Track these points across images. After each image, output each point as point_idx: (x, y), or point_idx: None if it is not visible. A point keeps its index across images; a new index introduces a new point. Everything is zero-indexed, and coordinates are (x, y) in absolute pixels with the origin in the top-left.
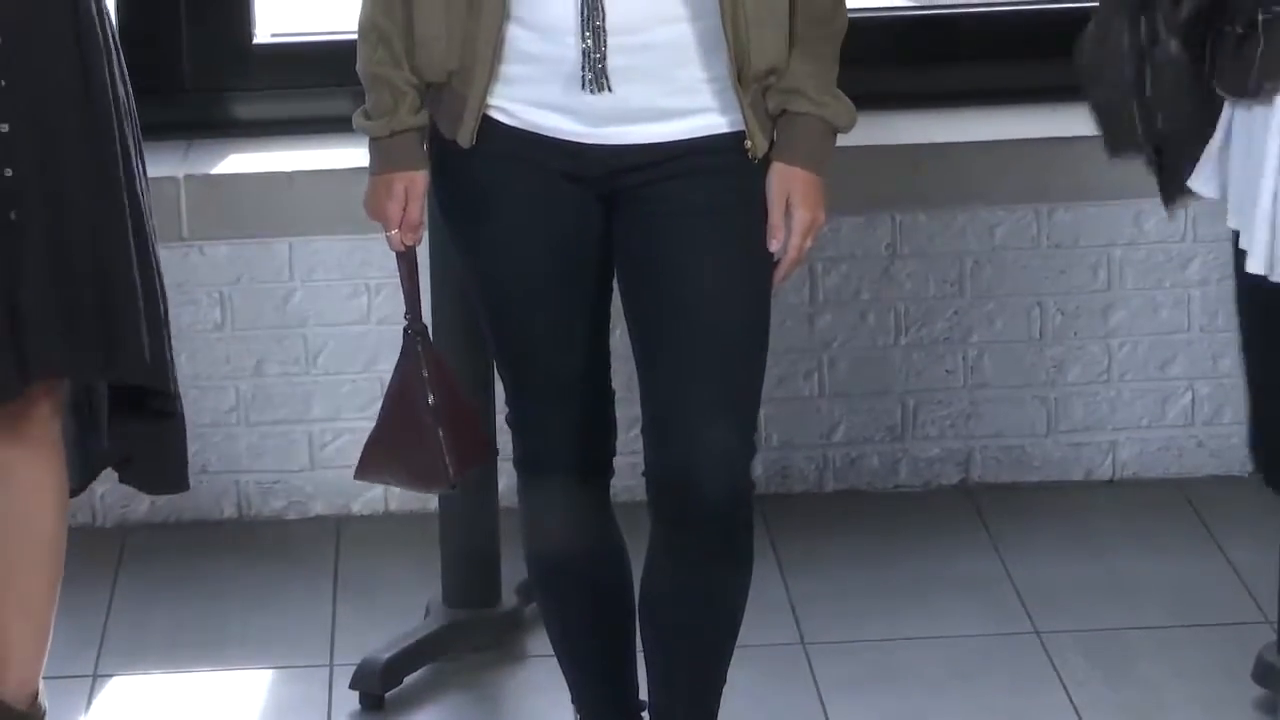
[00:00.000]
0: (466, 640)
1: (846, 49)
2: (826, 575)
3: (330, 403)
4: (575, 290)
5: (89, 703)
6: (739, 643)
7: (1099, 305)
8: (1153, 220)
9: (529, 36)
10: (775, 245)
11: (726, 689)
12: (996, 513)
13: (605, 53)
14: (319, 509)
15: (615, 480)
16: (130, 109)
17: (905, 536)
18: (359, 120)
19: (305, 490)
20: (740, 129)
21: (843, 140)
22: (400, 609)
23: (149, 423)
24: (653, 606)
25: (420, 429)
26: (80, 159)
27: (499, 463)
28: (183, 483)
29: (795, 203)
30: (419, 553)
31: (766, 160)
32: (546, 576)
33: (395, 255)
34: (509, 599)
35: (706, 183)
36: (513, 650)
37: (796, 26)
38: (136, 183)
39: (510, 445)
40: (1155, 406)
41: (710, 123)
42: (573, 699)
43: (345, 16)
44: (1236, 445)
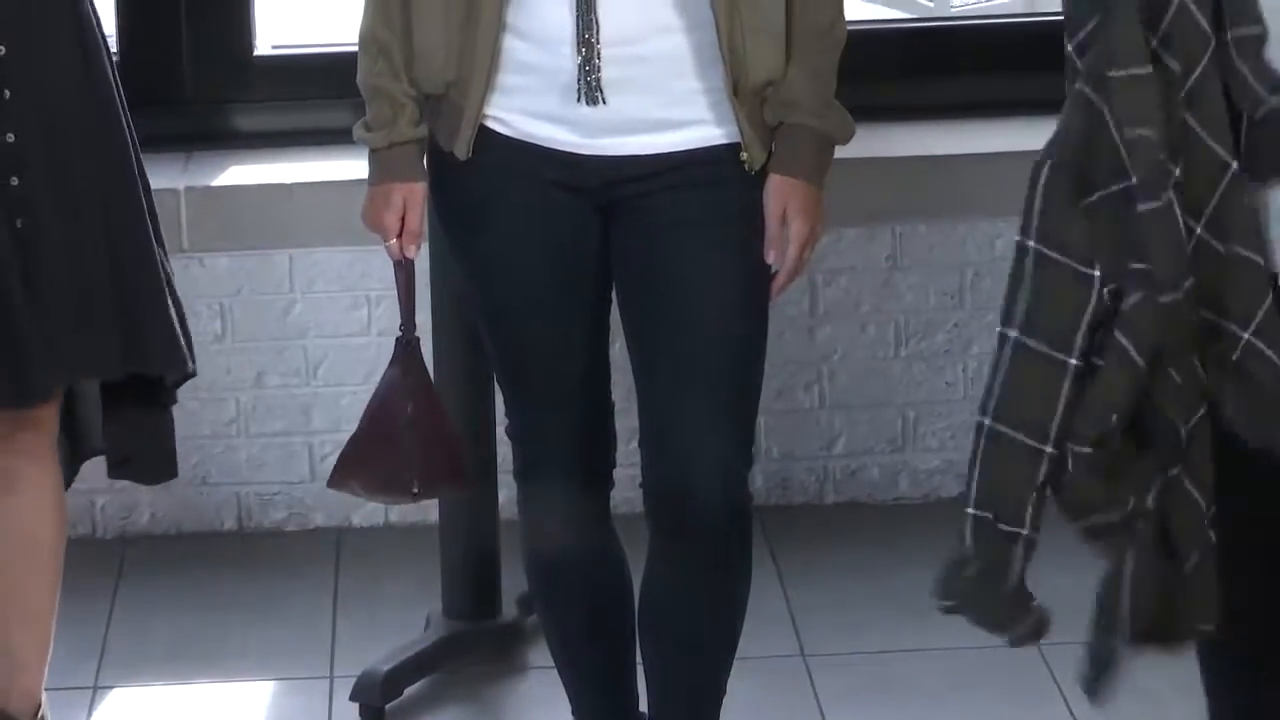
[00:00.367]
0: (467, 652)
1: (845, 61)
2: (826, 587)
3: (331, 414)
4: (573, 300)
5: (89, 714)
6: (739, 654)
7: None
8: None
9: (525, 47)
10: (773, 257)
11: (726, 700)
12: None
13: (599, 64)
14: (319, 521)
15: (614, 492)
16: (127, 116)
17: (905, 548)
18: (359, 132)
19: (306, 502)
20: (737, 140)
21: (843, 152)
22: (400, 621)
23: (145, 414)
24: (652, 617)
25: (392, 439)
26: (92, 161)
27: (499, 475)
28: (173, 469)
29: (793, 215)
30: (419, 564)
31: (765, 171)
32: (546, 584)
33: (393, 265)
34: (509, 611)
35: (704, 194)
36: (513, 662)
37: (794, 38)
38: (145, 178)
39: (510, 458)
40: None
41: (707, 134)
42: (573, 710)
43: (346, 28)
44: None
